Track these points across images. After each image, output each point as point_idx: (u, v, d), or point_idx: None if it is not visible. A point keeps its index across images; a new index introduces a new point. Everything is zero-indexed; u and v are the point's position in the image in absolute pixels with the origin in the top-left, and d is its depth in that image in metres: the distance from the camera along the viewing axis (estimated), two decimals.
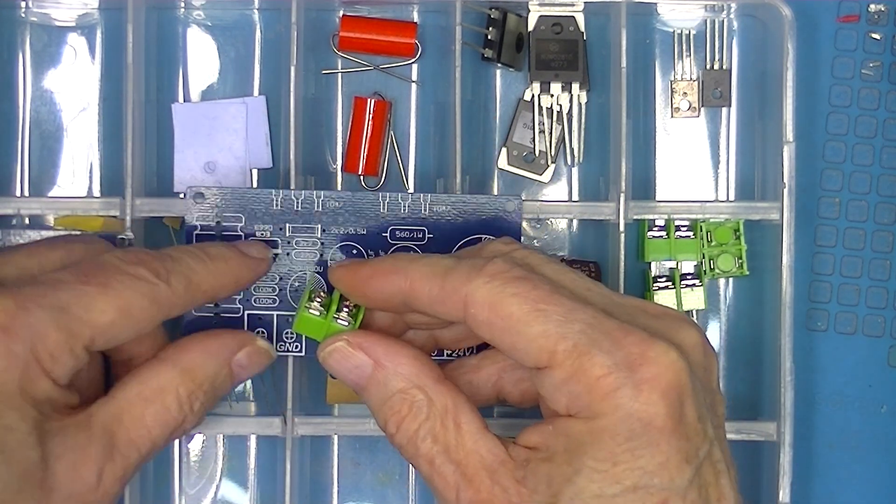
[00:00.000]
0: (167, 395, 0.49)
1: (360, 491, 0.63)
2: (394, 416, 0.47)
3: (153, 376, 0.49)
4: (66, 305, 0.46)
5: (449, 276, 0.47)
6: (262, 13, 0.63)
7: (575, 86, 0.61)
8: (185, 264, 0.50)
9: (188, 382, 0.50)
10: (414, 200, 0.56)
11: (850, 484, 0.63)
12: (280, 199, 0.56)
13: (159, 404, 0.49)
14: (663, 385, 0.44)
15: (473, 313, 0.46)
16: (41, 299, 0.45)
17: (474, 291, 0.46)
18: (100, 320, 0.46)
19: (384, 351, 0.48)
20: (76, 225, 0.58)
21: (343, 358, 0.49)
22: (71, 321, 0.46)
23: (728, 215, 0.61)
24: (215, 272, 0.51)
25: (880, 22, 0.64)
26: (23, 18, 0.62)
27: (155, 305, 0.48)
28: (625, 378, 0.44)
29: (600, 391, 0.44)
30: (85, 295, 0.46)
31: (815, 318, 0.64)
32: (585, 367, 0.44)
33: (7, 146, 0.62)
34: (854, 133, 0.64)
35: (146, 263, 0.48)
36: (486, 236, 0.56)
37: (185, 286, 0.49)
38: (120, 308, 0.47)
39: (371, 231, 0.56)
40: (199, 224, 0.56)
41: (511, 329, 0.45)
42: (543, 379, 0.45)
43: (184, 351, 0.51)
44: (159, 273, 0.48)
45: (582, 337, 0.44)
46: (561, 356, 0.44)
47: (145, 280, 0.48)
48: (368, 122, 0.61)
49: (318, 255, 0.56)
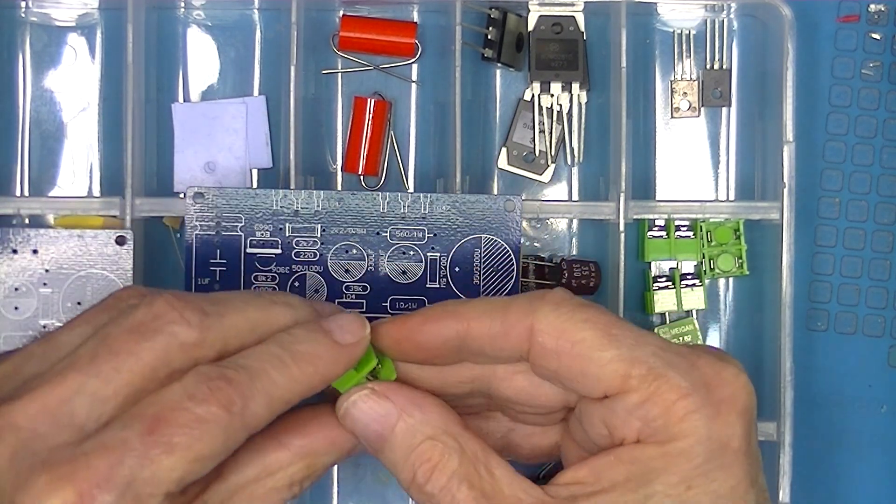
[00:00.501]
0: (280, 478, 0.46)
1: (360, 491, 0.63)
2: (424, 464, 0.45)
3: (270, 459, 0.46)
4: (130, 480, 0.41)
5: (510, 309, 0.45)
6: (262, 13, 0.63)
7: (575, 86, 0.61)
8: (266, 378, 0.44)
9: (305, 469, 0.47)
10: (414, 200, 0.56)
11: (850, 484, 0.63)
12: (280, 199, 0.56)
13: (271, 486, 0.46)
14: (740, 406, 0.44)
15: (541, 342, 0.45)
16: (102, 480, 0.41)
17: (542, 319, 0.45)
18: (170, 478, 0.42)
19: (410, 399, 0.46)
20: (76, 225, 0.58)
21: (368, 407, 0.46)
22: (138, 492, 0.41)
23: (728, 215, 0.61)
24: (301, 379, 0.45)
25: (880, 22, 0.64)
26: (23, 18, 0.62)
27: (230, 441, 0.43)
28: (703, 399, 0.43)
29: (677, 413, 0.43)
30: (149, 460, 0.42)
31: (815, 318, 0.64)
32: (662, 389, 0.43)
33: (7, 146, 0.62)
34: (854, 133, 0.64)
35: (218, 394, 0.43)
36: (486, 236, 0.56)
37: (265, 406, 0.44)
38: (190, 462, 0.42)
39: (371, 231, 0.56)
40: (199, 224, 0.56)
41: (582, 355, 0.44)
42: (613, 405, 0.44)
43: (305, 434, 0.47)
44: (233, 405, 0.43)
45: (656, 360, 0.44)
46: (636, 380, 0.44)
47: (216, 421, 0.42)
48: (368, 122, 0.61)
49: (318, 255, 0.56)
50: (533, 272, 0.62)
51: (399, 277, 0.57)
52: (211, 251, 0.56)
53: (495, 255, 0.57)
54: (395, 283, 0.57)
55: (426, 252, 0.57)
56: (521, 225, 0.56)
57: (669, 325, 0.62)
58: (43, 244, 0.58)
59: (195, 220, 0.55)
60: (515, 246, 0.57)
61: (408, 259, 0.56)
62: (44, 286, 0.58)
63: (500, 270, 0.56)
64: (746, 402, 0.44)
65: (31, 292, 0.58)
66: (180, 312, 0.44)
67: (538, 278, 0.62)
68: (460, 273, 0.57)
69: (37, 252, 0.58)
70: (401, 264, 0.56)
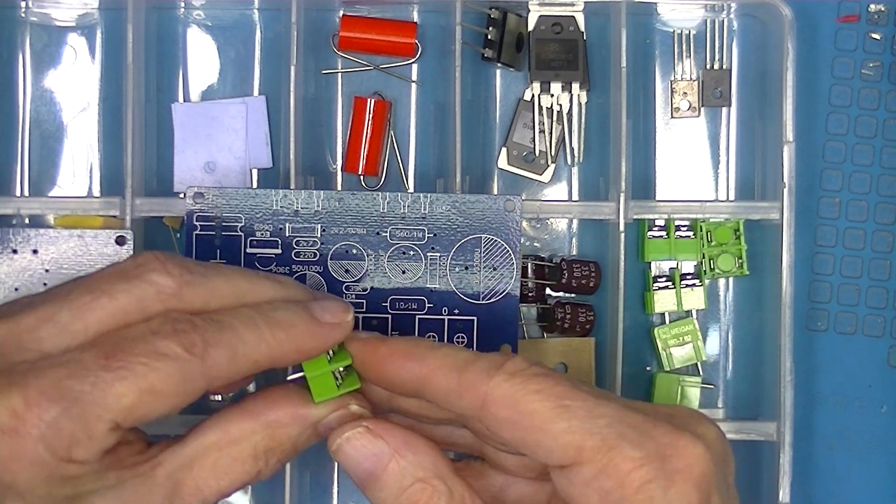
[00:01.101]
0: (244, 447, 0.46)
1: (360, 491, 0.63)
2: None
3: (233, 427, 0.46)
4: (79, 395, 0.42)
5: (468, 370, 0.45)
6: (262, 13, 0.63)
7: (575, 86, 0.61)
8: (233, 332, 0.45)
9: (268, 440, 0.47)
10: (414, 200, 0.56)
11: (850, 484, 0.63)
12: (280, 199, 0.56)
13: (234, 456, 0.46)
14: (695, 476, 0.44)
15: (494, 411, 0.45)
16: (52, 392, 0.42)
17: (494, 388, 0.45)
18: (118, 405, 0.43)
19: (403, 440, 0.46)
20: (76, 225, 0.58)
21: (361, 445, 0.46)
22: (86, 410, 0.42)
23: (728, 215, 0.61)
24: (272, 342, 0.46)
25: (880, 22, 0.64)
26: (23, 18, 0.62)
27: (187, 383, 0.44)
28: (656, 470, 0.43)
29: (632, 484, 0.43)
30: (101, 381, 0.43)
31: (815, 318, 0.64)
32: (616, 460, 0.43)
33: (7, 146, 0.62)
34: (854, 133, 0.64)
35: (181, 335, 0.44)
36: (486, 236, 0.56)
37: (228, 358, 0.44)
38: (141, 391, 0.43)
39: (371, 231, 0.56)
40: (199, 224, 0.56)
41: (534, 427, 0.44)
42: (571, 476, 0.44)
43: (271, 405, 0.47)
44: (194, 346, 0.44)
45: (609, 431, 0.44)
46: (589, 452, 0.44)
47: (174, 357, 0.43)
48: (368, 122, 0.61)
49: (318, 255, 0.56)
50: (533, 272, 0.62)
51: (399, 277, 0.57)
52: (211, 251, 0.56)
53: (495, 255, 0.57)
54: (395, 282, 0.57)
55: (426, 252, 0.57)
56: (521, 225, 0.56)
57: (669, 325, 0.62)
58: (43, 244, 0.58)
59: (195, 220, 0.55)
60: (515, 246, 0.57)
61: (408, 259, 0.56)
62: (44, 286, 0.57)
63: (499, 270, 0.56)
64: (703, 470, 0.44)
65: (30, 292, 0.57)
66: (163, 263, 0.45)
67: (538, 278, 0.62)
68: (460, 273, 0.57)
69: (37, 252, 0.58)
70: (401, 264, 0.56)
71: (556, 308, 0.61)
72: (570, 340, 0.62)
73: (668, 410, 0.46)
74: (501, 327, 0.57)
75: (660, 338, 0.62)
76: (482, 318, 0.57)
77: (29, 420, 0.42)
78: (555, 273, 0.62)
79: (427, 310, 0.57)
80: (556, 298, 0.63)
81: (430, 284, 0.57)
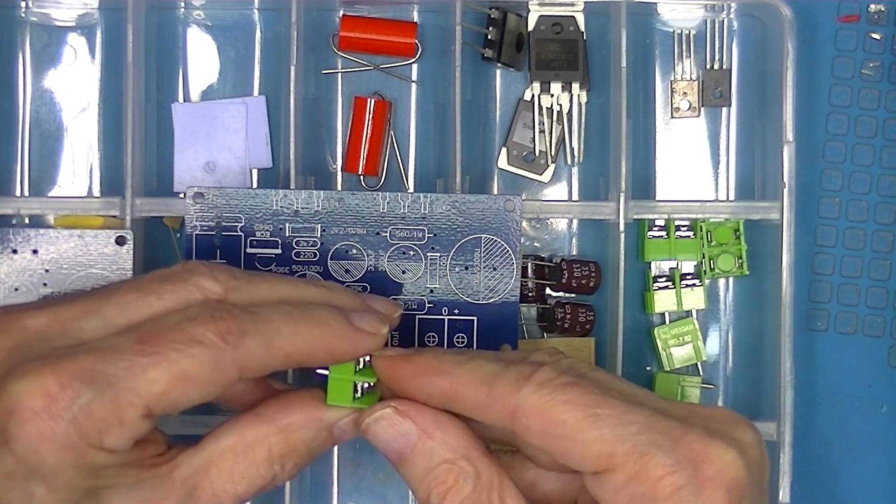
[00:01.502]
0: (259, 452, 0.47)
1: (360, 491, 0.63)
2: (438, 486, 0.46)
3: (248, 431, 0.47)
4: (112, 380, 0.43)
5: (496, 384, 0.46)
6: (262, 13, 0.63)
7: (575, 86, 0.61)
8: (268, 324, 0.45)
9: (283, 444, 0.47)
10: (414, 200, 0.56)
11: (850, 484, 0.63)
12: (280, 199, 0.56)
13: (250, 460, 0.47)
14: (726, 483, 0.44)
15: (525, 422, 0.45)
16: (85, 375, 0.43)
17: (524, 400, 0.45)
18: (151, 391, 0.43)
19: (432, 420, 0.47)
20: (76, 225, 0.58)
21: (390, 425, 0.47)
22: (118, 395, 0.43)
23: (728, 215, 0.61)
24: (306, 337, 0.46)
25: (880, 22, 0.64)
26: (23, 18, 0.62)
27: (218, 371, 0.44)
28: (688, 477, 0.43)
29: (663, 491, 0.43)
30: (134, 366, 0.43)
31: (815, 318, 0.64)
32: (647, 467, 0.43)
33: (7, 146, 0.62)
34: (854, 133, 0.64)
35: (217, 323, 0.44)
36: (486, 236, 0.56)
37: (262, 348, 0.45)
38: (174, 377, 0.43)
39: (371, 231, 0.56)
40: (199, 224, 0.56)
41: (566, 436, 0.44)
42: (603, 482, 0.45)
43: (285, 410, 0.48)
44: (229, 335, 0.44)
45: (640, 438, 0.44)
46: (620, 458, 0.44)
47: (208, 345, 0.44)
48: (368, 122, 0.61)
49: (318, 255, 0.56)
50: (533, 272, 0.62)
51: (399, 277, 0.57)
52: (211, 251, 0.56)
53: (495, 255, 0.57)
54: (395, 282, 0.57)
55: (426, 252, 0.57)
56: (521, 225, 0.56)
57: (669, 325, 0.62)
58: (43, 244, 0.58)
59: (195, 220, 0.55)
60: (515, 245, 0.57)
61: (408, 259, 0.56)
62: (44, 286, 0.57)
63: (499, 270, 0.56)
64: (735, 476, 0.44)
65: (31, 292, 0.58)
66: (210, 270, 0.46)
67: (538, 278, 0.62)
68: (460, 273, 0.57)
69: (37, 252, 0.58)
70: (401, 264, 0.56)
71: (556, 308, 0.61)
72: (570, 340, 0.62)
73: (706, 412, 0.46)
74: (501, 327, 0.57)
75: (660, 338, 0.62)
76: (482, 319, 0.57)
77: (61, 401, 0.42)
78: (555, 273, 0.62)
79: (427, 310, 0.57)
80: (556, 298, 0.63)
81: (430, 284, 0.57)
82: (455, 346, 0.57)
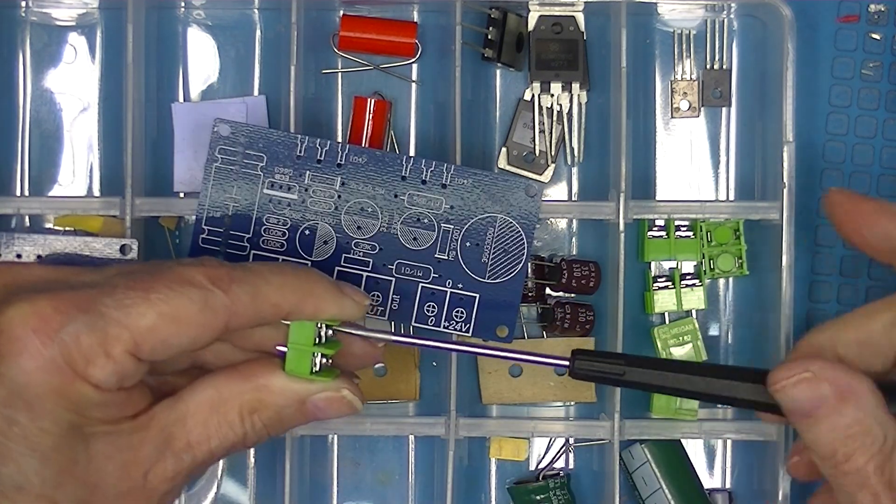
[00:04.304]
0: (232, 407, 0.48)
1: (359, 491, 0.63)
2: (845, 446, 0.48)
3: (224, 386, 0.48)
4: (104, 310, 0.44)
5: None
6: (262, 13, 0.63)
7: (575, 86, 0.61)
8: (258, 274, 0.47)
9: (255, 402, 0.48)
10: (437, 168, 0.56)
11: None
12: (305, 145, 0.56)
13: (223, 415, 0.48)
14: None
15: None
16: (80, 303, 0.44)
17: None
18: (139, 324, 0.45)
19: (848, 385, 0.48)
20: (76, 224, 0.58)
21: (809, 388, 0.48)
22: (107, 325, 0.44)
23: (728, 215, 0.61)
24: (294, 289, 0.48)
25: (880, 22, 0.64)
26: (23, 18, 0.62)
27: (207, 313, 0.46)
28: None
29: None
30: (126, 299, 0.45)
31: (815, 318, 0.64)
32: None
33: (7, 146, 0.62)
34: (854, 133, 0.64)
35: (208, 269, 0.46)
36: (503, 217, 0.56)
37: (250, 296, 0.47)
38: (162, 313, 0.45)
39: (389, 192, 0.56)
40: (221, 157, 0.56)
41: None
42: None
43: (262, 370, 0.49)
44: (219, 280, 0.46)
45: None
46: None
47: (198, 286, 0.46)
48: (368, 121, 0.61)
49: (334, 207, 0.56)
50: (533, 272, 0.62)
51: (410, 243, 0.57)
52: (230, 181, 0.56)
53: (508, 237, 0.57)
54: (404, 247, 0.57)
55: (440, 222, 0.57)
56: (539, 211, 0.57)
57: (669, 325, 0.62)
58: (47, 250, 0.57)
59: (217, 153, 0.56)
60: (530, 231, 0.57)
61: (422, 226, 0.57)
62: None
63: (509, 253, 0.57)
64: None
65: None
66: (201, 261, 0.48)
67: (538, 278, 0.62)
68: (470, 248, 0.57)
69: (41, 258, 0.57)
70: (413, 230, 0.57)
71: (556, 308, 0.62)
72: (570, 340, 0.62)
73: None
74: (501, 308, 0.57)
75: (660, 338, 0.62)
76: (484, 297, 0.57)
77: (53, 324, 0.44)
78: (555, 273, 0.62)
79: (431, 279, 0.57)
80: (556, 298, 0.63)
81: (438, 255, 0.57)
82: (453, 319, 0.57)
